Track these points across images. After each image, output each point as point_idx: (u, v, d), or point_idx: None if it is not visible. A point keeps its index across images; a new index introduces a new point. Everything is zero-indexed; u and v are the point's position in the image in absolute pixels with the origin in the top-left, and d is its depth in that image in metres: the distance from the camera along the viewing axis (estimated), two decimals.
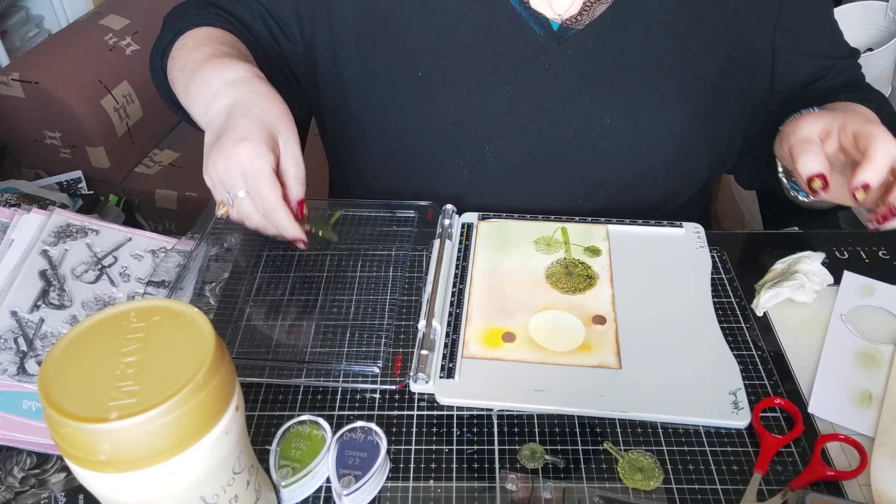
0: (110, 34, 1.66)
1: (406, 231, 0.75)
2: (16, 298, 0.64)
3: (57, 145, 1.59)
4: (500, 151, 0.78)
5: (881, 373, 0.59)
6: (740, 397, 0.57)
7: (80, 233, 0.72)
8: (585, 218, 0.75)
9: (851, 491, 0.51)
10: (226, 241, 0.74)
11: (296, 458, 0.52)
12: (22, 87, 1.50)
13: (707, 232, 0.73)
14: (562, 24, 0.74)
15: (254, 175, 0.58)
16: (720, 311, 0.65)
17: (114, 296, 0.67)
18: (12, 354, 0.60)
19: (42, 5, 2.10)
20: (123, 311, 0.40)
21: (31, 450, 0.55)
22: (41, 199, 1.42)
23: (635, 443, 0.55)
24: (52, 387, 0.36)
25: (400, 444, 0.55)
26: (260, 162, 0.57)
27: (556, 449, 0.54)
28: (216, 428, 0.38)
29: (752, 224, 1.53)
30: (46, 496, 0.52)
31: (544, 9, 0.75)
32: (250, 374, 0.60)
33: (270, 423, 0.56)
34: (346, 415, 0.57)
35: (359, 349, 0.62)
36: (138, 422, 0.34)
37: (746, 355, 0.61)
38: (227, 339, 0.63)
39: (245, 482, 0.43)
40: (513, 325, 0.63)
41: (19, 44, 2.00)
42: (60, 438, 0.36)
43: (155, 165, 1.71)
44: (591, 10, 0.74)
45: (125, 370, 0.37)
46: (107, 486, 0.37)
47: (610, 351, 0.61)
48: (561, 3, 0.74)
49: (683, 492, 0.51)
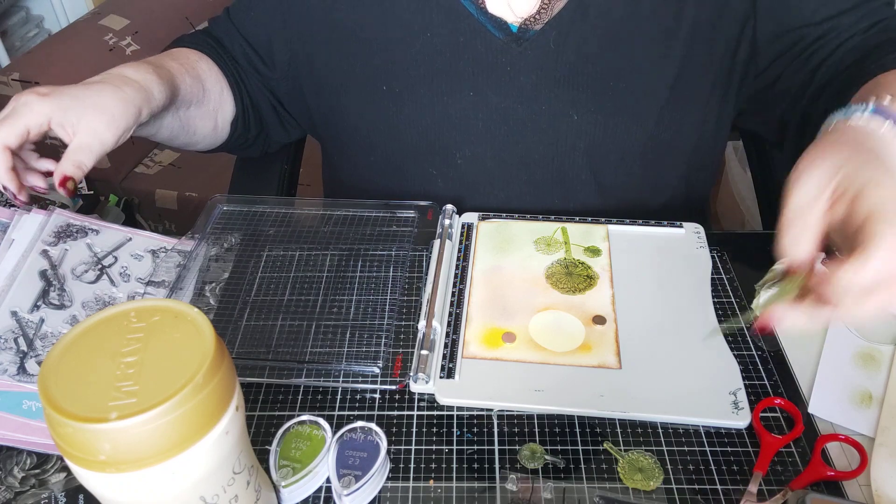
0: (110, 34, 1.66)
1: (406, 231, 0.75)
2: (16, 298, 0.64)
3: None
4: (469, 157, 0.78)
5: (881, 373, 0.59)
6: (740, 397, 0.57)
7: (81, 233, 0.72)
8: (585, 218, 0.75)
9: (851, 491, 0.51)
10: (226, 241, 0.74)
11: (296, 459, 0.52)
12: (22, 87, 1.50)
13: (707, 232, 0.73)
14: (521, 25, 0.73)
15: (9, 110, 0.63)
16: (720, 311, 0.65)
17: (114, 296, 0.67)
18: (12, 354, 0.60)
19: (42, 5, 2.10)
20: (123, 311, 0.40)
21: (31, 450, 0.55)
22: (41, 199, 1.42)
23: (635, 443, 0.55)
24: (52, 387, 0.36)
25: (400, 444, 0.55)
26: (21, 105, 0.63)
27: (556, 449, 0.54)
28: (216, 428, 0.38)
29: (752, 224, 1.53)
30: (46, 496, 0.52)
31: (503, 12, 0.74)
32: (250, 374, 0.60)
33: (270, 423, 0.56)
34: (346, 415, 0.57)
35: (359, 349, 0.62)
36: (138, 422, 0.34)
37: (746, 355, 0.61)
38: (227, 339, 0.63)
39: (245, 482, 0.43)
40: (513, 325, 0.63)
41: (19, 44, 2.00)
42: (60, 438, 0.36)
43: (155, 165, 1.71)
44: (549, 6, 0.73)
45: (125, 370, 0.37)
46: (107, 486, 0.37)
47: (610, 351, 0.61)
48: (521, 5, 0.74)
49: (683, 492, 0.51)
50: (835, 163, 0.46)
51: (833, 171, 0.46)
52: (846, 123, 0.52)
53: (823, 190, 0.45)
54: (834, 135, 0.52)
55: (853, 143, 0.49)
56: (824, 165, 0.46)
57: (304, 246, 0.73)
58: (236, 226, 0.76)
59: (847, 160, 0.46)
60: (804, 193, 0.46)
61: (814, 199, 0.45)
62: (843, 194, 0.45)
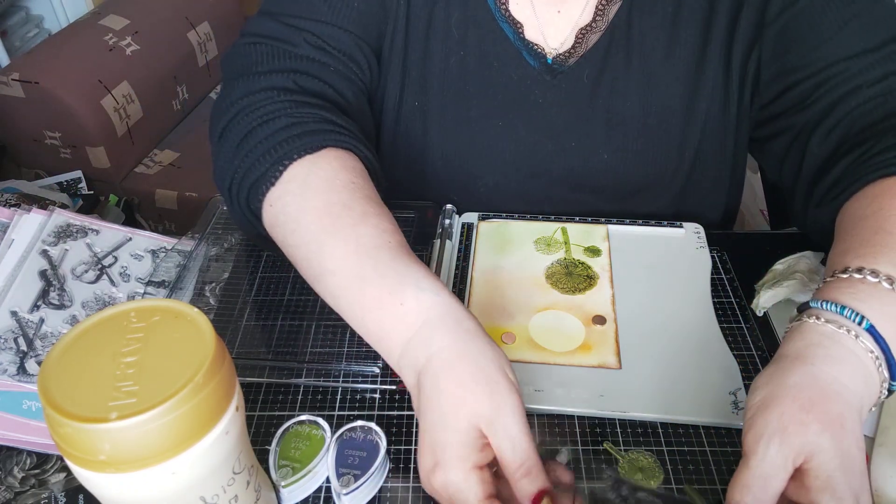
0: (110, 34, 1.66)
1: (406, 231, 0.75)
2: (16, 298, 0.64)
3: (57, 145, 1.59)
4: (492, 186, 0.76)
5: None
6: (740, 397, 0.57)
7: (80, 233, 0.72)
8: (586, 218, 0.75)
9: None
10: (226, 241, 0.74)
11: (295, 458, 0.52)
12: (22, 87, 1.50)
13: (707, 232, 0.73)
14: (556, 57, 0.72)
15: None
16: (720, 311, 0.65)
17: (114, 296, 0.67)
18: (12, 354, 0.60)
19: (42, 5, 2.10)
20: (123, 311, 0.40)
21: (31, 450, 0.55)
22: (41, 199, 1.42)
23: (635, 443, 0.55)
24: (52, 387, 0.36)
25: (400, 444, 0.55)
26: (460, 494, 0.43)
27: (556, 449, 0.54)
28: (216, 428, 0.38)
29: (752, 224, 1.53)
30: (46, 496, 0.52)
31: (540, 41, 0.72)
32: (250, 374, 0.60)
33: (270, 423, 0.56)
34: (346, 415, 0.57)
35: (359, 349, 0.62)
36: (138, 422, 0.34)
37: (746, 355, 0.61)
38: (227, 339, 0.63)
39: (245, 482, 0.43)
40: (513, 325, 0.63)
41: (19, 44, 2.00)
42: (60, 438, 0.36)
43: (155, 165, 1.71)
44: (584, 40, 0.71)
45: (125, 370, 0.37)
46: (107, 486, 0.37)
47: (610, 351, 0.61)
48: (555, 37, 0.71)
49: (683, 492, 0.51)
50: (802, 437, 0.42)
51: (799, 446, 0.42)
52: (821, 333, 0.47)
53: (787, 461, 0.42)
54: (800, 372, 0.45)
55: (821, 402, 0.44)
56: (790, 439, 0.43)
57: None
58: (236, 226, 0.76)
59: (817, 435, 0.42)
60: (768, 463, 0.43)
61: (778, 469, 0.42)
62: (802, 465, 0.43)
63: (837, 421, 0.43)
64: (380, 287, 0.49)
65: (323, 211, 0.53)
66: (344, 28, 0.68)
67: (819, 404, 0.43)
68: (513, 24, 0.71)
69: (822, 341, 0.46)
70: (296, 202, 0.55)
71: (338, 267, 0.51)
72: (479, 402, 0.44)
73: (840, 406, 0.44)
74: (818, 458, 0.42)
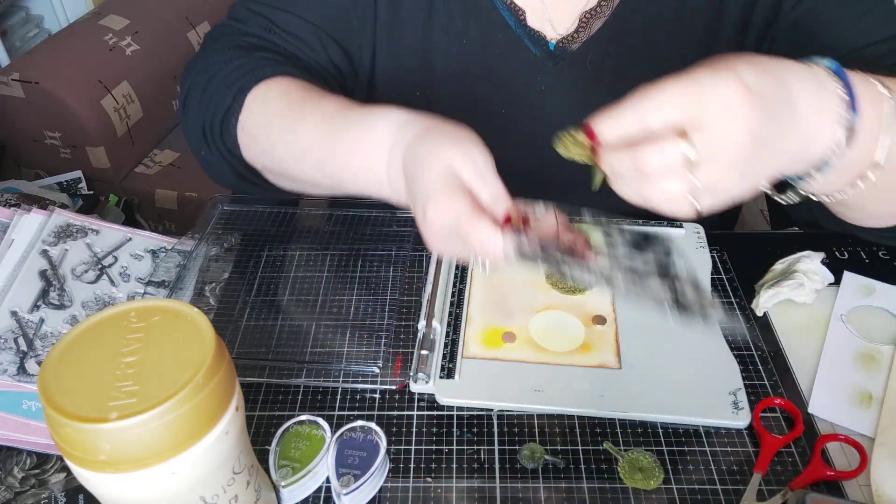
0: (110, 34, 1.66)
1: (406, 231, 0.75)
2: (16, 298, 0.64)
3: (57, 145, 1.59)
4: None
5: (881, 373, 0.59)
6: (740, 397, 0.57)
7: (80, 233, 0.72)
8: (586, 218, 0.75)
9: (851, 491, 0.51)
10: (226, 241, 0.74)
11: (295, 458, 0.52)
12: (22, 87, 1.50)
13: (707, 232, 0.73)
14: (558, 43, 0.72)
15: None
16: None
17: (114, 296, 0.67)
18: (12, 354, 0.60)
19: (42, 5, 2.10)
20: (123, 311, 0.40)
21: (31, 450, 0.55)
22: (41, 199, 1.42)
23: (635, 443, 0.55)
24: (52, 387, 0.36)
25: (400, 444, 0.55)
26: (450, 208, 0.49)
27: (556, 449, 0.54)
28: (216, 428, 0.38)
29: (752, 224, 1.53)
30: (46, 496, 0.52)
31: (542, 27, 0.72)
32: (250, 374, 0.60)
33: (270, 423, 0.56)
34: (346, 415, 0.57)
35: (359, 349, 0.62)
36: (138, 422, 0.34)
37: (746, 355, 0.61)
38: (227, 339, 0.63)
39: (245, 482, 0.43)
40: (513, 325, 0.63)
41: (19, 44, 2.00)
42: (60, 438, 0.36)
43: (155, 165, 1.71)
44: (588, 24, 0.71)
45: (125, 370, 0.37)
46: (107, 486, 0.37)
47: (610, 351, 0.61)
48: (561, 22, 0.72)
49: (683, 492, 0.51)
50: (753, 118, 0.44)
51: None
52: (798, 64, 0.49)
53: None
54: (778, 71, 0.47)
55: (756, 59, 0.47)
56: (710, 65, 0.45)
57: (304, 246, 0.73)
58: (236, 226, 0.76)
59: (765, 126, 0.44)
60: (678, 94, 0.46)
61: (672, 108, 0.46)
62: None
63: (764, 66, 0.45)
64: (353, 130, 0.55)
65: (286, 108, 0.61)
66: (303, 18, 0.71)
67: (753, 60, 0.46)
68: (514, 11, 0.72)
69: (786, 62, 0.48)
70: (262, 111, 0.63)
71: (313, 138, 0.58)
72: (450, 150, 0.50)
73: (777, 66, 0.46)
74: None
